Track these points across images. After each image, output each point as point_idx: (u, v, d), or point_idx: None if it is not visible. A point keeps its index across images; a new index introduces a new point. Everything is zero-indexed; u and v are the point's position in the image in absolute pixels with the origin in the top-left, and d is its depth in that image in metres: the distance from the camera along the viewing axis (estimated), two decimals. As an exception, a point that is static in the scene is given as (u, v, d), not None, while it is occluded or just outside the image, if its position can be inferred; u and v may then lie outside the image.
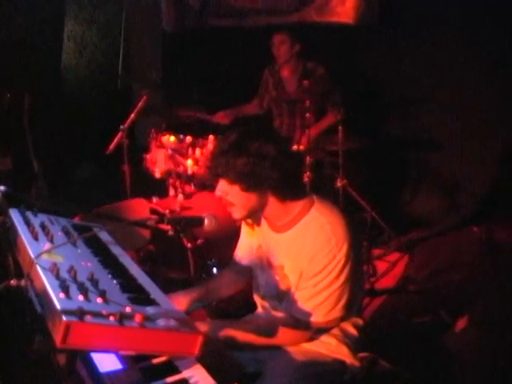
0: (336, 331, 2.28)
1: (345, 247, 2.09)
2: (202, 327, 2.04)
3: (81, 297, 1.54)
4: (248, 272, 2.52)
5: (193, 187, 4.17)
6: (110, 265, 2.01)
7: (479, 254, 4.48)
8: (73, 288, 1.57)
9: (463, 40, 4.89)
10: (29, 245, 1.82)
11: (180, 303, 2.28)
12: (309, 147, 4.36)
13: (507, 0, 4.50)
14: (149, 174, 4.29)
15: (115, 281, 1.85)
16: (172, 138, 4.19)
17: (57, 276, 1.61)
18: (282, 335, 2.19)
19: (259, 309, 2.51)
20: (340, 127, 4.32)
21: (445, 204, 5.32)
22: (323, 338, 2.27)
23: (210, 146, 4.03)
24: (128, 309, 1.59)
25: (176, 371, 1.77)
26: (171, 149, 4.15)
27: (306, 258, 2.13)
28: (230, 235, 2.73)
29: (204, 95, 5.29)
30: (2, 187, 2.13)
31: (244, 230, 2.50)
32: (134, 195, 4.15)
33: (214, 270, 3.63)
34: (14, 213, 2.12)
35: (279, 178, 2.09)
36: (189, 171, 4.06)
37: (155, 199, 3.99)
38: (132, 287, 1.88)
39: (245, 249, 2.51)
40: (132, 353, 1.64)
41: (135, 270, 2.07)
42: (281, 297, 2.29)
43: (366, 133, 4.88)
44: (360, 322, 2.38)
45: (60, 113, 5.94)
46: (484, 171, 5.14)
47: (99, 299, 1.58)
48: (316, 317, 2.13)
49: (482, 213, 5.01)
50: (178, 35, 6.33)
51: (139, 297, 1.80)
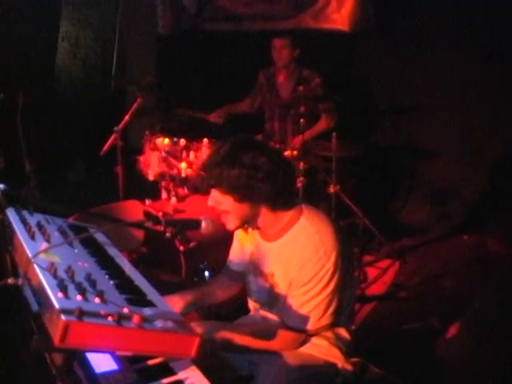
0: (328, 334, 2.30)
1: (333, 256, 2.11)
2: (198, 329, 2.05)
3: (79, 297, 1.54)
4: (241, 277, 2.53)
5: (186, 190, 4.17)
6: (107, 266, 2.01)
7: (470, 262, 4.51)
8: (71, 288, 1.57)
9: (458, 48, 4.93)
10: (26, 244, 1.82)
11: (174, 306, 2.29)
12: (300, 152, 4.37)
13: (502, 6, 4.54)
14: (142, 176, 4.28)
15: (112, 281, 1.85)
16: (166, 141, 4.19)
17: (54, 275, 1.61)
18: (274, 340, 2.22)
19: (252, 312, 2.52)
20: (334, 133, 4.34)
21: (436, 211, 5.36)
22: (315, 341, 2.29)
23: (204, 149, 4.04)
24: (126, 310, 1.59)
25: (171, 373, 1.77)
26: (165, 151, 4.14)
27: (296, 268, 2.15)
28: (223, 239, 2.74)
29: (198, 98, 5.29)
30: (1, 185, 2.12)
31: (237, 236, 2.51)
32: (127, 197, 4.14)
33: (206, 273, 3.63)
34: (11, 212, 2.12)
35: (272, 190, 2.11)
36: (182, 174, 4.06)
37: (148, 201, 3.99)
38: (129, 288, 1.87)
39: (238, 254, 2.52)
40: (129, 353, 1.63)
41: (131, 272, 2.07)
42: (271, 303, 2.33)
43: (360, 139, 4.91)
44: (352, 327, 2.40)
45: (54, 113, 5.92)
46: (475, 179, 5.19)
47: (97, 299, 1.58)
48: (306, 324, 2.16)
49: (473, 221, 5.05)
50: (173, 38, 6.34)
51: (136, 298, 1.80)
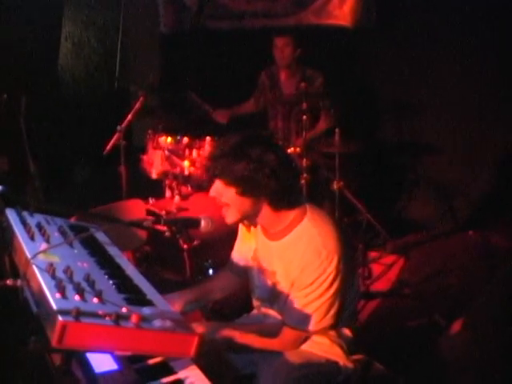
0: (330, 332, 2.29)
1: (335, 260, 2.10)
2: (200, 329, 2.05)
3: (77, 297, 1.54)
4: (243, 274, 2.53)
5: (189, 188, 4.18)
6: (107, 265, 2.01)
7: (474, 258, 4.50)
8: (69, 288, 1.57)
9: (460, 45, 4.91)
10: (25, 245, 1.82)
11: (175, 304, 2.29)
12: (303, 149, 4.36)
13: (503, 5, 4.52)
14: (145, 175, 4.29)
15: (111, 281, 1.85)
16: (169, 139, 4.20)
17: (53, 276, 1.61)
18: (275, 339, 2.23)
19: (254, 310, 2.52)
20: (337, 130, 4.34)
21: (440, 208, 5.34)
22: (316, 339, 2.29)
23: (207, 148, 4.04)
24: (124, 309, 1.59)
25: (171, 372, 1.77)
26: (168, 150, 4.15)
27: (298, 269, 2.15)
28: (227, 237, 2.74)
29: (202, 96, 5.29)
30: (1, 187, 2.13)
31: (241, 232, 2.51)
32: (131, 196, 4.14)
33: (210, 272, 3.64)
34: (11, 213, 2.12)
35: (276, 188, 2.10)
36: (185, 172, 4.07)
37: (151, 200, 3.99)
38: (128, 288, 1.87)
39: (242, 251, 2.51)
40: (128, 353, 1.64)
41: (131, 271, 2.07)
42: (272, 300, 2.33)
43: (363, 136, 4.90)
44: (355, 324, 2.39)
45: (57, 114, 5.93)
46: (479, 175, 5.16)
47: (95, 299, 1.58)
48: (307, 325, 2.16)
49: (478, 217, 5.03)
50: (176, 37, 6.34)
51: (135, 297, 1.80)
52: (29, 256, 1.70)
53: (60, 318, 1.39)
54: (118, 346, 1.52)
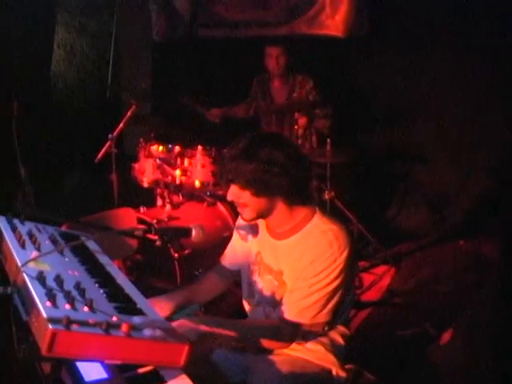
0: (324, 339, 2.29)
1: (345, 253, 2.14)
2: (194, 321, 2.05)
3: (67, 305, 1.53)
4: (232, 276, 2.56)
5: (180, 197, 4.17)
6: (97, 274, 2.00)
7: (465, 267, 4.51)
8: (59, 296, 1.56)
9: (452, 52, 4.95)
10: (16, 253, 1.82)
11: (163, 308, 2.29)
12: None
13: (495, 12, 4.56)
14: (137, 184, 4.28)
15: (102, 290, 1.84)
16: (160, 148, 4.20)
17: (43, 284, 1.61)
18: (270, 332, 2.21)
19: (250, 317, 2.51)
20: (328, 140, 4.35)
21: (431, 217, 5.36)
22: (311, 346, 2.28)
23: (199, 156, 4.04)
24: (114, 318, 1.58)
25: (161, 381, 1.75)
26: (159, 158, 4.15)
27: (307, 262, 2.16)
28: (217, 246, 2.74)
29: (193, 104, 5.31)
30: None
31: (239, 236, 2.51)
32: (122, 204, 4.13)
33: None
34: (1, 220, 2.12)
35: (288, 184, 2.15)
36: (177, 181, 4.07)
37: (143, 209, 3.99)
38: (119, 296, 1.86)
39: (237, 254, 2.52)
40: (118, 362, 1.63)
41: (122, 280, 2.06)
42: (275, 303, 2.30)
43: (354, 145, 4.91)
44: (347, 332, 2.39)
45: (48, 120, 5.91)
46: (471, 185, 5.19)
47: (86, 308, 1.57)
48: (302, 318, 2.16)
49: (469, 226, 5.05)
50: (168, 45, 6.35)
51: (126, 306, 1.79)
52: (19, 264, 1.70)
53: (50, 327, 1.39)
54: (108, 355, 1.52)
